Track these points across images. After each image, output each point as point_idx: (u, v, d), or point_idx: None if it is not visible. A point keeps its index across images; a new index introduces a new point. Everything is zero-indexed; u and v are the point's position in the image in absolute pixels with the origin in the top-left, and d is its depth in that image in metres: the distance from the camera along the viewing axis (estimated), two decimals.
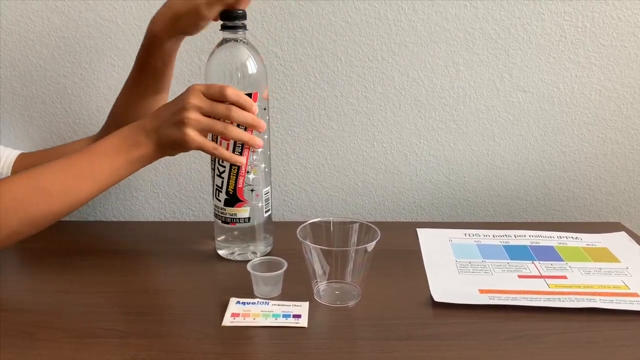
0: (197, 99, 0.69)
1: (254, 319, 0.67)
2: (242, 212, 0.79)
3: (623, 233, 0.92)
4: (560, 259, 0.83)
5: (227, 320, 0.67)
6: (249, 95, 0.73)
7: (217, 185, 0.79)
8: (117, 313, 0.70)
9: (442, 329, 0.66)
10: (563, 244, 0.88)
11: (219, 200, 0.80)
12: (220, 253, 0.83)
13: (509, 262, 0.82)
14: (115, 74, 0.98)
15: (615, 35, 0.95)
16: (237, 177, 0.78)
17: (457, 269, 0.80)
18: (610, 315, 0.68)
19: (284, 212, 1.05)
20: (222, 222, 0.81)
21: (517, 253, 0.85)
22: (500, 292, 0.73)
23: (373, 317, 0.68)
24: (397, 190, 1.04)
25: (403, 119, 1.00)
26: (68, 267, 0.81)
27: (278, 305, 0.70)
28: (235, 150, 0.75)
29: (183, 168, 1.03)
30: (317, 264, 0.70)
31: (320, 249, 0.69)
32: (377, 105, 0.99)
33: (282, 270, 0.72)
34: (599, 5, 0.94)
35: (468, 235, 0.91)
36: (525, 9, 0.94)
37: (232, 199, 0.79)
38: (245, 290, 0.73)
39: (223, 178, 0.78)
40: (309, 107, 1.00)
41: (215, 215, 0.82)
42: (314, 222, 0.73)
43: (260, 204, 0.81)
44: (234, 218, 0.80)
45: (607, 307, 0.69)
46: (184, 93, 0.71)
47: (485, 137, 1.01)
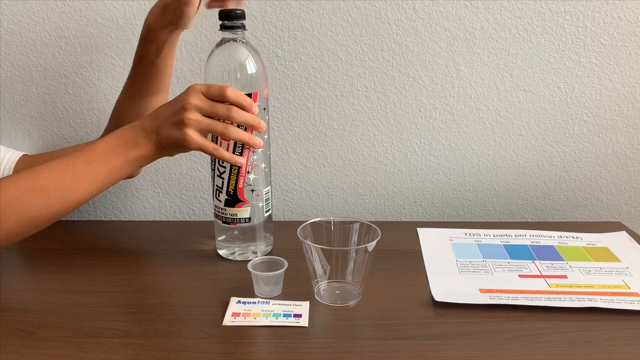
0: (197, 99, 0.69)
1: (255, 319, 0.67)
2: (242, 212, 0.79)
3: (623, 232, 0.92)
4: (561, 259, 0.83)
5: (227, 320, 0.67)
6: (249, 95, 0.73)
7: (217, 186, 0.79)
8: (117, 312, 0.70)
9: (442, 329, 0.66)
10: (563, 244, 0.88)
11: (220, 201, 0.80)
12: (221, 253, 0.83)
13: (510, 261, 0.82)
14: (116, 74, 0.98)
15: (616, 35, 0.95)
16: (237, 177, 0.78)
17: (457, 269, 0.80)
18: (611, 315, 0.68)
19: (285, 211, 1.05)
20: (222, 222, 0.81)
21: (517, 252, 0.85)
22: (501, 291, 0.73)
23: (373, 316, 0.68)
24: (397, 190, 1.04)
25: (403, 119, 1.00)
26: (68, 266, 0.81)
27: (279, 305, 0.70)
28: (236, 151, 0.75)
29: (183, 168, 1.03)
30: (317, 264, 0.70)
31: (321, 249, 0.69)
32: (377, 105, 0.99)
33: (282, 270, 0.72)
34: (600, 5, 0.94)
35: (469, 235, 0.91)
36: (526, 9, 0.94)
37: (232, 199, 0.79)
38: (246, 290, 0.73)
39: (223, 178, 0.78)
40: (310, 106, 0.99)
41: (216, 216, 0.82)
42: (315, 221, 0.73)
43: (261, 204, 0.80)
44: (235, 218, 0.80)
45: (607, 306, 0.69)
46: (184, 93, 0.70)
47: (486, 136, 1.01)
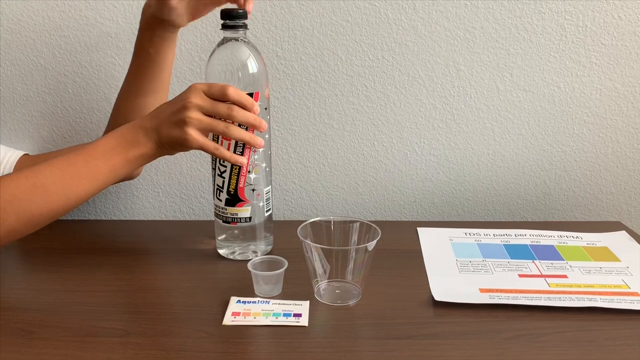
0: (198, 98, 0.69)
1: (255, 318, 0.67)
2: (243, 211, 0.79)
3: (623, 232, 0.92)
4: (561, 258, 0.83)
5: (227, 319, 0.67)
6: (251, 95, 0.73)
7: (218, 185, 0.79)
8: (117, 312, 0.70)
9: (442, 328, 0.66)
10: (563, 243, 0.88)
11: (220, 200, 0.80)
12: (221, 252, 0.83)
13: (510, 261, 0.82)
14: (116, 73, 0.98)
15: (616, 35, 0.95)
16: (238, 176, 0.78)
17: (457, 268, 0.80)
18: (611, 315, 0.68)
19: (285, 211, 1.05)
20: (223, 221, 0.81)
21: (517, 252, 0.85)
22: (501, 291, 0.73)
23: (373, 316, 0.68)
24: (397, 189, 1.04)
25: (403, 118, 1.00)
26: (68, 265, 0.81)
27: (279, 304, 0.70)
28: (237, 150, 0.75)
29: (183, 167, 1.03)
30: (317, 263, 0.70)
31: (321, 248, 0.69)
32: (377, 104, 0.99)
33: (282, 269, 0.72)
34: (600, 5, 0.94)
35: (468, 235, 0.91)
36: (526, 8, 0.94)
37: (233, 199, 0.79)
38: (246, 289, 0.73)
39: (224, 178, 0.78)
40: (310, 106, 0.99)
41: (216, 215, 0.81)
42: (315, 221, 0.73)
43: (261, 204, 0.80)
44: (235, 218, 0.80)
45: (607, 306, 0.69)
46: (185, 92, 0.70)
47: (486, 136, 1.01)
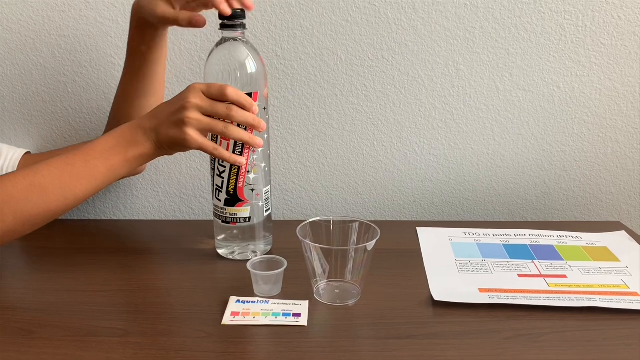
0: (197, 98, 0.69)
1: (254, 318, 0.67)
2: (242, 211, 0.79)
3: (623, 232, 0.92)
4: (560, 258, 0.83)
5: (227, 319, 0.67)
6: (249, 95, 0.73)
7: (217, 185, 0.79)
8: (117, 311, 0.70)
9: (441, 328, 0.66)
10: (563, 243, 0.88)
11: (219, 200, 0.80)
12: (220, 252, 0.83)
13: (509, 261, 0.82)
14: (116, 73, 0.98)
15: (616, 35, 0.95)
16: (237, 176, 0.78)
17: (457, 268, 0.80)
18: (610, 315, 0.68)
19: (284, 211, 1.05)
20: (222, 222, 0.81)
21: (517, 252, 0.85)
22: (500, 291, 0.73)
23: (373, 316, 0.68)
24: (397, 189, 1.04)
25: (403, 118, 1.00)
26: (68, 265, 0.81)
27: (278, 304, 0.70)
28: (236, 150, 0.75)
29: (183, 167, 1.03)
30: (317, 263, 0.70)
31: (320, 248, 0.69)
32: (377, 104, 0.99)
33: (282, 269, 0.72)
34: (600, 4, 0.94)
35: (468, 234, 0.91)
36: (526, 8, 0.94)
37: (232, 199, 0.79)
38: (245, 289, 0.73)
39: (223, 178, 0.78)
40: (309, 105, 0.99)
41: (215, 215, 0.82)
42: (314, 221, 0.73)
43: (261, 203, 0.80)
44: (235, 218, 0.80)
45: (606, 306, 0.69)
46: (184, 92, 0.70)
47: (486, 136, 1.01)
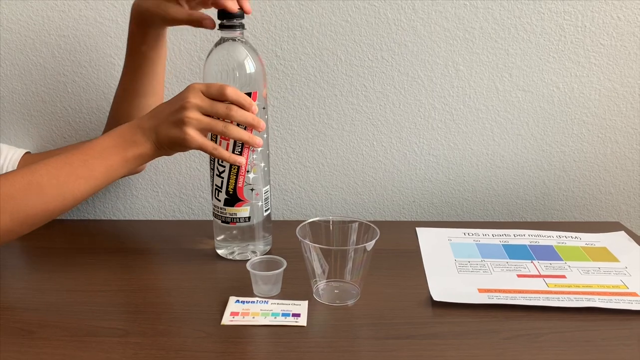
0: (197, 98, 0.69)
1: (253, 318, 0.67)
2: (242, 211, 0.79)
3: (622, 233, 0.92)
4: (560, 259, 0.83)
5: (226, 319, 0.67)
6: (249, 95, 0.73)
7: (216, 185, 0.79)
8: (116, 311, 0.70)
9: (441, 328, 0.66)
10: (562, 244, 0.88)
11: (219, 200, 0.80)
12: (220, 252, 0.83)
13: (508, 261, 0.82)
14: (115, 73, 0.97)
15: (615, 35, 0.95)
16: (237, 176, 0.78)
17: (456, 268, 0.80)
18: (609, 315, 0.68)
19: (284, 211, 1.05)
20: (222, 221, 0.81)
21: (516, 252, 0.85)
22: (500, 291, 0.73)
23: (372, 316, 0.68)
24: (396, 190, 1.04)
25: (403, 118, 1.00)
26: (68, 265, 0.81)
27: (277, 304, 0.70)
28: (235, 150, 0.75)
29: (183, 167, 1.03)
30: (316, 263, 0.70)
31: (320, 248, 0.69)
32: (376, 105, 0.99)
33: (281, 269, 0.72)
34: (599, 5, 0.94)
35: (467, 235, 0.91)
36: (525, 9, 0.94)
37: (232, 199, 0.79)
38: (245, 289, 0.73)
39: (223, 178, 0.78)
40: (309, 106, 1.00)
41: (215, 215, 0.81)
42: (314, 221, 0.73)
43: (260, 203, 0.81)
44: (234, 217, 0.80)
45: (606, 306, 0.69)
46: (184, 92, 0.70)
47: (485, 136, 1.01)
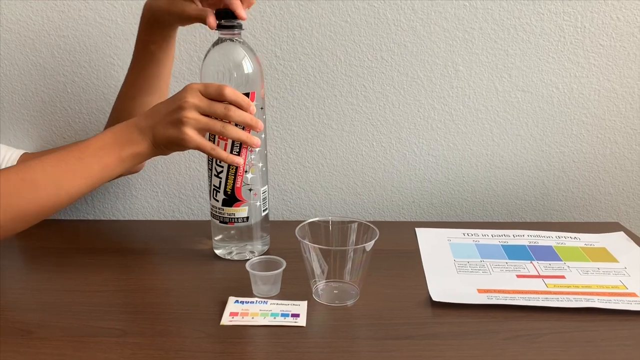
0: (195, 98, 0.69)
1: (253, 318, 0.67)
2: (240, 211, 0.79)
3: (621, 233, 0.92)
4: (559, 259, 0.83)
5: (225, 320, 0.67)
6: (246, 95, 0.73)
7: (214, 185, 0.79)
8: (115, 312, 0.70)
9: (440, 329, 0.66)
10: (561, 244, 0.88)
11: (217, 200, 0.79)
12: (218, 253, 0.83)
13: (508, 261, 0.82)
14: (115, 73, 0.98)
15: (615, 36, 0.95)
16: (235, 176, 0.78)
17: (455, 269, 0.80)
18: (608, 315, 0.68)
19: (283, 211, 1.05)
20: (220, 222, 0.81)
21: (515, 253, 0.85)
22: (499, 291, 0.73)
23: (371, 316, 0.68)
24: (396, 190, 1.04)
25: (402, 119, 1.00)
26: (66, 265, 0.81)
27: (277, 305, 0.70)
28: (233, 150, 0.75)
29: (182, 167, 1.03)
30: (315, 264, 0.70)
31: (319, 249, 0.69)
32: (376, 105, 0.99)
33: (280, 270, 0.72)
34: (598, 6, 0.94)
35: (467, 235, 0.91)
36: (525, 9, 0.94)
37: (230, 199, 0.79)
38: (244, 290, 0.73)
39: (221, 178, 0.78)
40: (308, 106, 1.00)
41: (213, 215, 0.81)
42: (313, 221, 0.73)
43: (258, 203, 0.80)
44: (232, 218, 0.80)
45: (605, 307, 0.69)
46: (181, 92, 0.70)
47: (484, 136, 1.01)
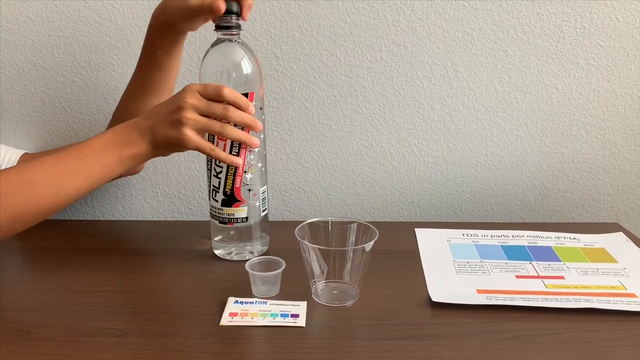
0: (194, 99, 0.69)
1: (252, 319, 0.67)
2: (239, 211, 0.79)
3: (621, 234, 0.92)
4: (558, 260, 0.83)
5: (225, 320, 0.67)
6: (245, 95, 0.73)
7: (214, 186, 0.79)
8: (115, 312, 0.70)
9: (439, 329, 0.66)
10: (561, 245, 0.88)
11: (216, 201, 0.79)
12: (217, 253, 0.83)
13: (507, 262, 0.82)
14: (114, 73, 0.98)
15: (614, 36, 0.95)
16: (234, 177, 0.78)
17: (455, 269, 0.80)
18: (608, 316, 0.68)
19: (283, 211, 1.05)
20: (219, 222, 0.81)
21: (514, 253, 0.85)
22: (498, 292, 0.73)
23: (371, 316, 0.68)
24: (395, 190, 1.04)
25: (402, 119, 1.00)
26: (66, 265, 0.81)
27: (276, 305, 0.70)
28: (232, 150, 0.75)
29: (182, 168, 1.03)
30: (315, 264, 0.70)
31: (319, 249, 0.69)
32: (375, 106, 0.99)
33: (280, 270, 0.72)
34: (598, 6, 0.94)
35: (466, 235, 0.91)
36: (524, 10, 0.94)
37: (229, 199, 0.79)
38: (244, 290, 0.73)
39: (220, 178, 0.78)
40: (308, 106, 1.00)
41: (212, 216, 0.81)
42: (312, 221, 0.73)
43: (258, 204, 0.80)
44: (232, 218, 0.80)
45: (604, 307, 0.69)
46: (180, 92, 0.70)
47: (484, 137, 1.01)
